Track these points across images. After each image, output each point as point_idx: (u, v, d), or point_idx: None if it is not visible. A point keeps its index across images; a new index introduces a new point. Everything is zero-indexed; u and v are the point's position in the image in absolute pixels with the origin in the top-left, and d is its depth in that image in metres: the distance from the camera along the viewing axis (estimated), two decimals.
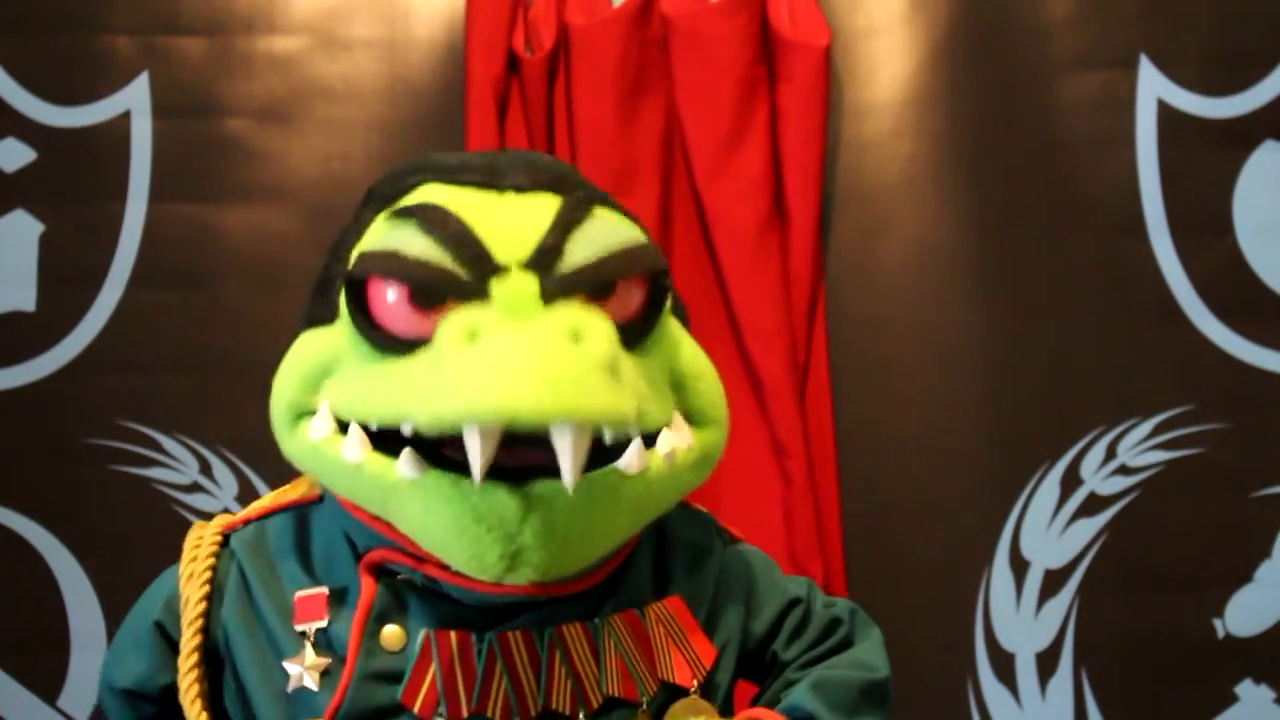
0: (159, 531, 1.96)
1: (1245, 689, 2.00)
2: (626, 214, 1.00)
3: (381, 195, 1.00)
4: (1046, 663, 2.01)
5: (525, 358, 0.83)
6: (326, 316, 0.97)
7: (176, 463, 2.02)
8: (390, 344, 0.90)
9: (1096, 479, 2.03)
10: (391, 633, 0.95)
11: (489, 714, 0.92)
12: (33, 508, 2.02)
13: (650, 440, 0.93)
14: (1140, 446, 2.02)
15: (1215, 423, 2.02)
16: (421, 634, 0.93)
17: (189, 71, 2.10)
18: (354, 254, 0.95)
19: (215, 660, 1.01)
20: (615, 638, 0.96)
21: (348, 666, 0.94)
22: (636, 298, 0.93)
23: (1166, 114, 2.07)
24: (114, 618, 1.96)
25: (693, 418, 0.98)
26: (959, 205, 2.08)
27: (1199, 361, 2.03)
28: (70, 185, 2.07)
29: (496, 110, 2.05)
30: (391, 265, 0.90)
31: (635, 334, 0.93)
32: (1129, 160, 2.07)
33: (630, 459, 0.89)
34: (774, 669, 1.08)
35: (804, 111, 2.07)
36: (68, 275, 2.05)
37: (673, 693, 0.97)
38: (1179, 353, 2.03)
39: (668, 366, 0.97)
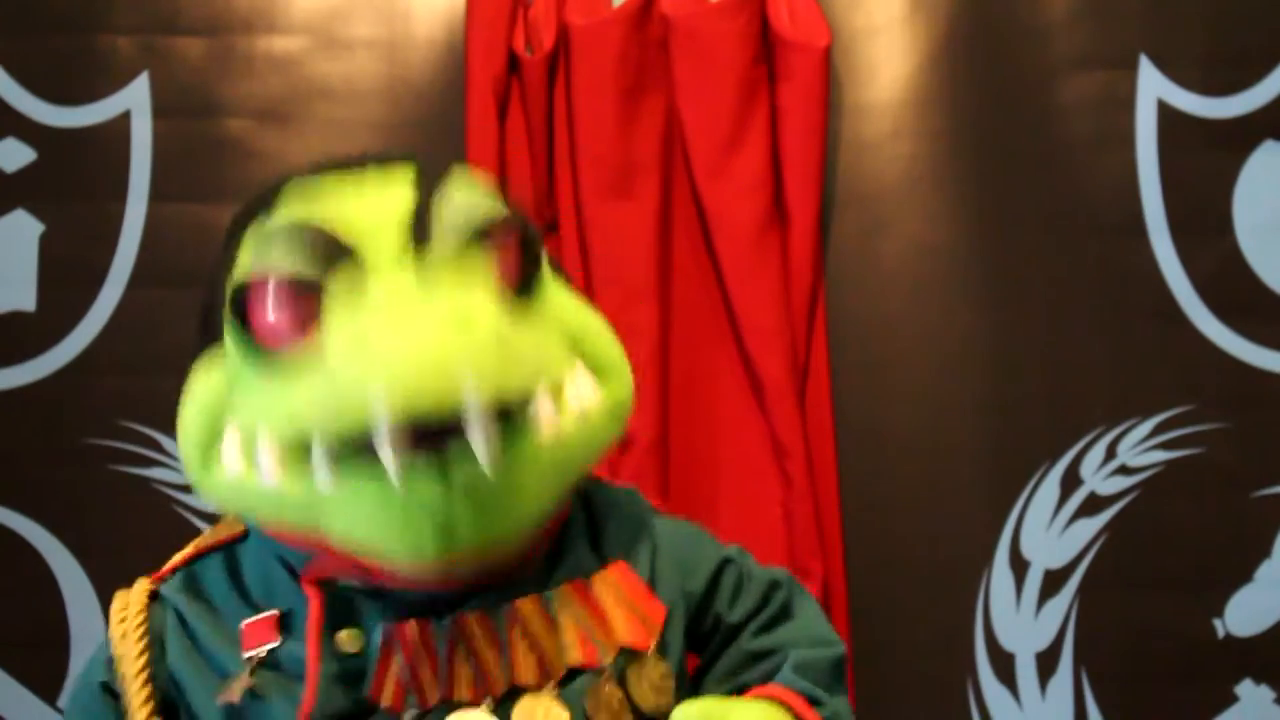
0: (159, 531, 1.96)
1: (1245, 689, 1.99)
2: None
3: (241, 222, 1.01)
4: (1046, 663, 2.01)
5: (416, 350, 0.83)
6: (214, 343, 0.97)
7: (176, 463, 2.02)
8: (275, 356, 0.89)
9: (1096, 479, 2.03)
10: (348, 635, 0.94)
11: (457, 697, 0.92)
12: (33, 508, 2.02)
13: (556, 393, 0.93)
14: (1140, 446, 2.02)
15: (1215, 423, 2.02)
16: (379, 629, 0.93)
17: (189, 71, 2.10)
18: (229, 282, 0.95)
19: (167, 710, 0.98)
20: (569, 607, 0.96)
21: (310, 675, 0.93)
22: (511, 251, 0.93)
23: (1166, 114, 2.07)
24: None
25: (595, 373, 0.98)
26: (959, 205, 2.08)
27: (1199, 361, 2.03)
28: (70, 185, 2.07)
29: (496, 110, 2.05)
30: (267, 267, 0.90)
31: (520, 293, 0.92)
32: (1129, 160, 2.06)
33: (542, 421, 0.90)
34: (717, 632, 1.08)
35: (804, 111, 2.07)
36: (68, 275, 2.05)
37: (630, 656, 0.97)
38: (1179, 353, 2.03)
39: (558, 324, 0.97)
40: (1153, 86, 2.07)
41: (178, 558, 1.06)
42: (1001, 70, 2.09)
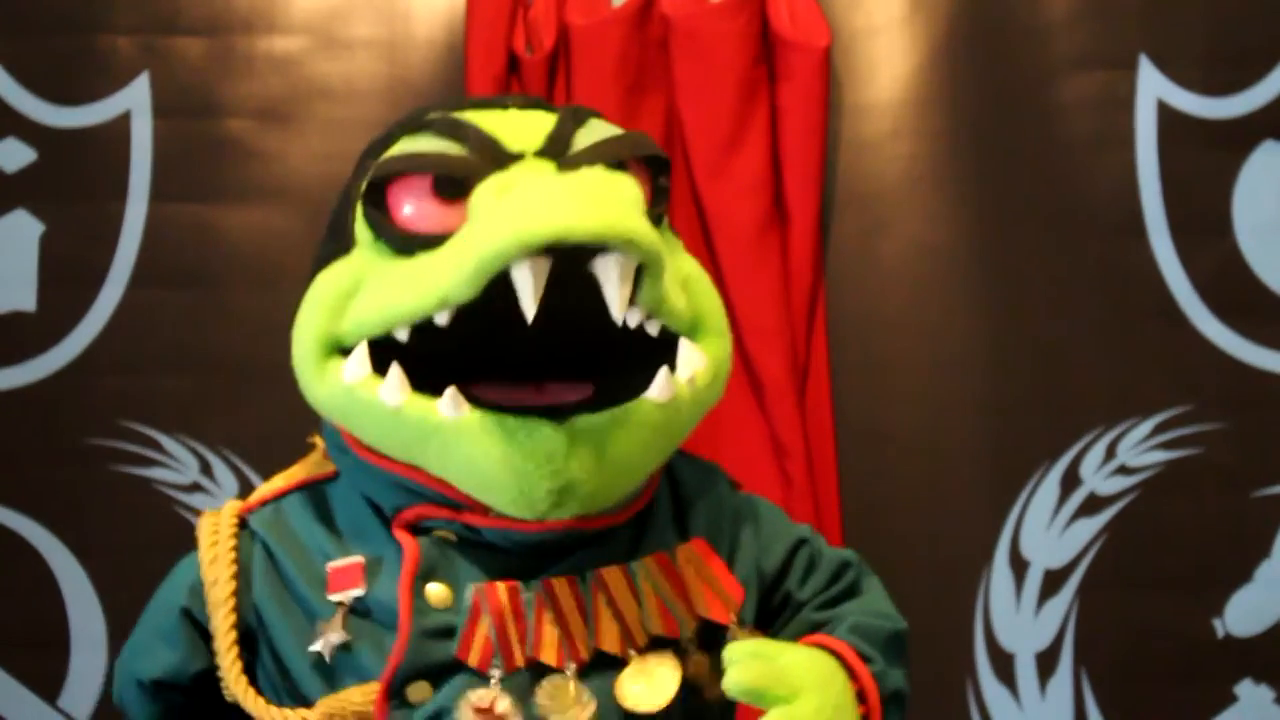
0: (159, 531, 1.96)
1: (1245, 689, 1.99)
2: None
3: (379, 142, 1.03)
4: (1046, 663, 2.01)
5: (566, 189, 0.86)
6: (340, 249, 0.99)
7: (176, 463, 2.02)
8: (415, 241, 0.92)
9: (1096, 479, 2.03)
10: (437, 590, 0.95)
11: (543, 660, 0.93)
12: (33, 508, 2.02)
13: (660, 359, 0.95)
14: (1140, 446, 2.02)
15: (1215, 423, 2.02)
16: (469, 589, 0.94)
17: (189, 71, 2.10)
18: (362, 185, 0.97)
19: (247, 642, 1.00)
20: (651, 579, 0.97)
21: (401, 627, 0.93)
22: (644, 186, 0.96)
23: (1166, 114, 2.07)
24: (114, 618, 1.97)
25: (698, 325, 1.00)
26: (959, 205, 2.08)
27: (1199, 361, 2.03)
28: (70, 185, 2.07)
29: None
30: (413, 162, 0.93)
31: (650, 219, 0.94)
32: (1129, 160, 2.06)
33: (660, 386, 0.92)
34: (786, 608, 1.09)
35: (804, 111, 2.07)
36: (68, 275, 2.05)
37: (709, 629, 0.99)
38: (1179, 353, 2.03)
39: (675, 267, 0.99)
40: (1153, 86, 2.07)
41: (265, 489, 1.07)
42: (1001, 70, 2.09)
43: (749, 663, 0.90)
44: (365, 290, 0.95)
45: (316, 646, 0.95)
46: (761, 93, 2.09)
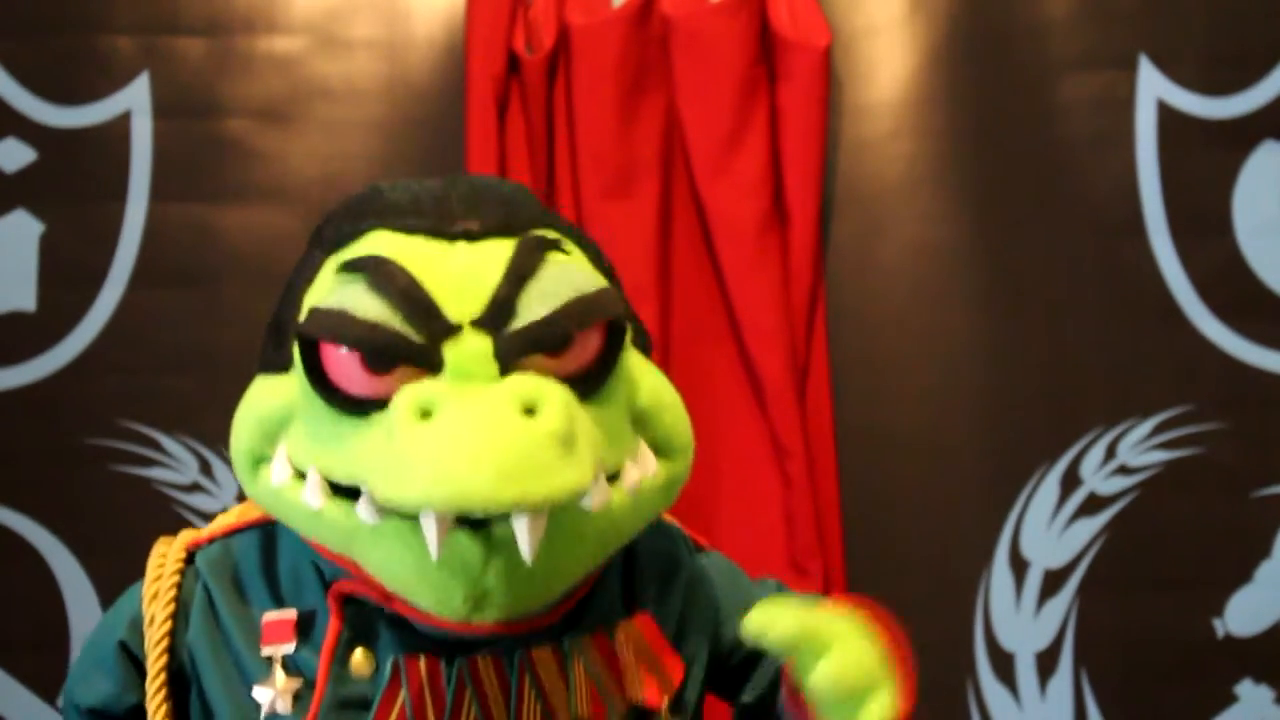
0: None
1: (1245, 689, 1.99)
2: (586, 246, 0.98)
3: (330, 237, 0.97)
4: (1046, 663, 2.01)
5: (477, 441, 0.82)
6: (281, 364, 0.96)
7: (176, 463, 2.02)
8: (345, 405, 0.89)
9: (1096, 479, 2.03)
10: (360, 660, 0.94)
11: None
12: (33, 508, 2.02)
13: (614, 474, 0.92)
14: (1140, 446, 2.02)
15: (1215, 423, 2.02)
16: (390, 661, 0.93)
17: (189, 71, 2.10)
18: (305, 303, 0.94)
19: (180, 681, 0.99)
20: (585, 659, 0.95)
21: (317, 693, 0.93)
22: (593, 345, 0.91)
23: (1166, 114, 2.07)
24: None
25: (658, 449, 0.98)
26: (959, 205, 2.08)
27: (1199, 361, 2.03)
28: (70, 185, 2.07)
29: (496, 110, 2.05)
30: (342, 328, 0.87)
31: (592, 381, 0.91)
32: (1129, 160, 2.07)
33: (593, 498, 0.88)
34: (757, 666, 1.07)
35: (804, 111, 2.07)
36: (68, 275, 2.06)
37: (641, 714, 0.97)
38: (1179, 353, 2.03)
39: (628, 405, 0.95)
40: (1153, 86, 2.07)
41: (219, 524, 1.06)
42: (1001, 70, 2.09)
43: (782, 616, 0.89)
44: (295, 430, 0.93)
45: (268, 708, 0.94)
46: (761, 93, 2.09)
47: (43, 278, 2.06)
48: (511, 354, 0.87)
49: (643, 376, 0.98)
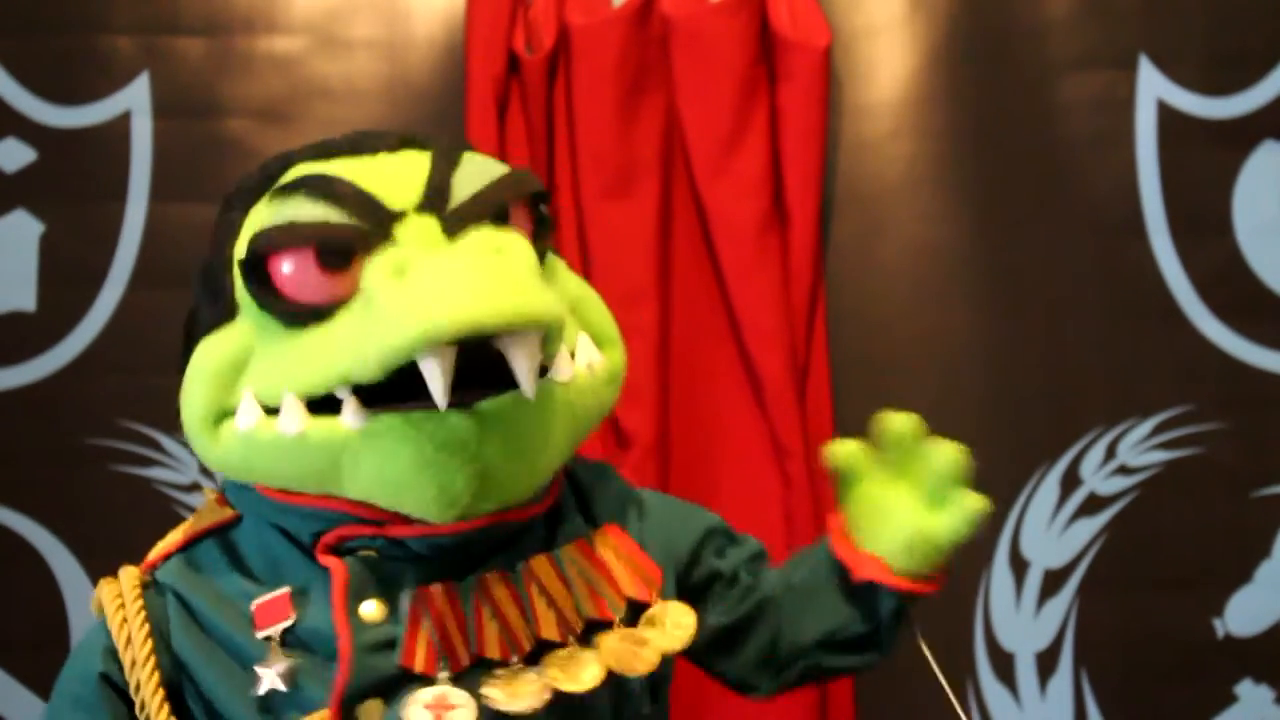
0: (159, 531, 1.95)
1: (1245, 689, 2.00)
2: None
3: (245, 194, 1.01)
4: (1046, 663, 2.01)
5: (461, 274, 0.84)
6: (222, 317, 0.96)
7: (176, 463, 2.02)
8: (305, 315, 0.90)
9: (1096, 479, 2.03)
10: (369, 607, 0.94)
11: (488, 655, 0.93)
12: (33, 508, 2.02)
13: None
14: (1140, 446, 2.02)
15: (1215, 423, 2.02)
16: (405, 597, 0.93)
17: (189, 71, 2.10)
18: (238, 246, 0.95)
19: (174, 694, 0.97)
20: (577, 565, 0.99)
21: (343, 647, 0.92)
22: (525, 222, 0.96)
23: (1166, 114, 2.07)
24: None
25: (594, 340, 1.01)
26: (959, 205, 2.08)
27: (1199, 361, 2.03)
28: (70, 185, 2.07)
29: (496, 110, 2.05)
30: (291, 235, 0.90)
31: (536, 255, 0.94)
32: (1129, 160, 2.07)
33: (561, 367, 0.94)
34: (713, 583, 1.12)
35: (804, 111, 2.07)
36: (68, 275, 2.05)
37: (636, 609, 1.00)
38: (1179, 353, 2.03)
39: (562, 291, 0.99)
40: (1153, 86, 2.07)
41: (164, 545, 1.05)
42: (1001, 70, 2.09)
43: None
44: (255, 363, 0.93)
45: (264, 686, 0.93)
46: (761, 93, 2.09)
47: (43, 278, 2.06)
48: (457, 227, 0.91)
49: (567, 270, 1.04)
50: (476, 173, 0.97)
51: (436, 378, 0.84)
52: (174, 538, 1.05)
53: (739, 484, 2.03)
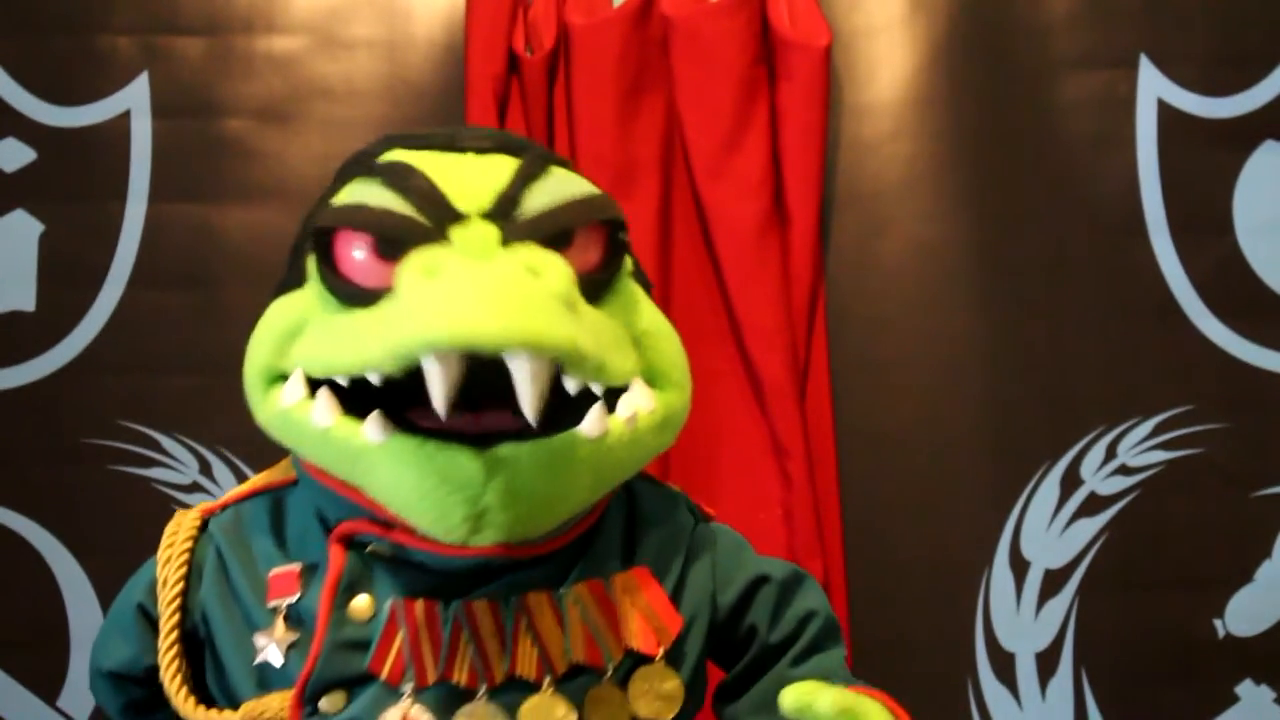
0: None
1: (1245, 689, 1.99)
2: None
3: (349, 169, 1.03)
4: (1046, 663, 2.01)
5: (482, 287, 0.85)
6: (296, 281, 1.00)
7: (176, 463, 2.02)
8: (355, 295, 0.92)
9: (1097, 479, 2.03)
10: (360, 603, 0.96)
11: (455, 680, 0.93)
12: (33, 508, 2.02)
13: (612, 405, 0.94)
14: (1140, 446, 2.02)
15: (1215, 423, 2.02)
16: (389, 603, 0.95)
17: (189, 71, 2.10)
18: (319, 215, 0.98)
19: (196, 641, 1.02)
20: (580, 606, 0.97)
21: (317, 636, 0.95)
22: (595, 248, 0.96)
23: (1166, 114, 2.07)
24: None
25: (654, 378, 1.00)
26: (959, 205, 2.08)
27: (1199, 361, 2.03)
28: (70, 185, 2.07)
29: (496, 110, 2.05)
30: (355, 216, 0.93)
31: (595, 285, 0.95)
32: (1129, 160, 2.07)
33: (591, 422, 0.91)
34: (753, 645, 1.08)
35: (804, 111, 2.07)
36: (68, 275, 2.05)
37: (638, 661, 0.98)
38: (1179, 352, 2.03)
39: (628, 324, 0.99)
40: (1153, 86, 2.07)
41: (233, 493, 1.09)
42: (1001, 70, 2.09)
43: (825, 693, 0.89)
44: (307, 334, 0.96)
45: (261, 655, 0.97)
46: (761, 93, 2.09)
47: (42, 278, 2.06)
48: (514, 239, 0.91)
49: (643, 303, 1.03)
50: (555, 189, 0.96)
51: (437, 383, 0.85)
52: (241, 488, 1.09)
53: (739, 484, 2.03)
